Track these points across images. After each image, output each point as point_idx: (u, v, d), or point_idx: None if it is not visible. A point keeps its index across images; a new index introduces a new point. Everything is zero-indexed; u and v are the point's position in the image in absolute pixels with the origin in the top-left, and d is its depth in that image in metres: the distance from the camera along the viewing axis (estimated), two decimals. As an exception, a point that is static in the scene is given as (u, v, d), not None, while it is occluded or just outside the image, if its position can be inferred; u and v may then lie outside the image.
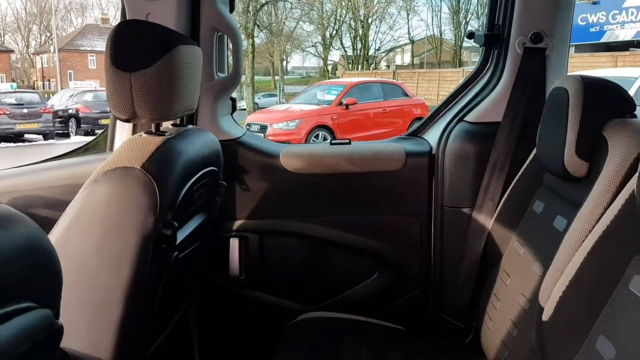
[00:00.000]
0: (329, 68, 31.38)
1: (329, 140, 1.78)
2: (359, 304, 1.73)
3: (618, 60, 13.67)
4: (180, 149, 1.16)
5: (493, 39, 1.68)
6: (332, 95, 10.82)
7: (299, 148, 1.74)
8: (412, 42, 29.98)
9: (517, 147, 1.57)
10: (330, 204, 1.72)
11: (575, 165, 1.17)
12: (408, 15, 32.54)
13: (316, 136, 9.94)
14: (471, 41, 1.82)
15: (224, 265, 1.75)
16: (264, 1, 24.39)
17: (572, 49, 17.43)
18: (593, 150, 1.15)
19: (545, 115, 1.32)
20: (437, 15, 37.93)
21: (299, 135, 9.74)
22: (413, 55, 30.16)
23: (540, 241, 1.27)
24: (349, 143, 1.74)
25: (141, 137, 1.13)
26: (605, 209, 1.02)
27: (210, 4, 1.60)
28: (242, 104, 19.25)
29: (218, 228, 1.70)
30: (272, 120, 10.09)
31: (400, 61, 31.20)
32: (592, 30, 16.82)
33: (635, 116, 1.18)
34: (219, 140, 1.44)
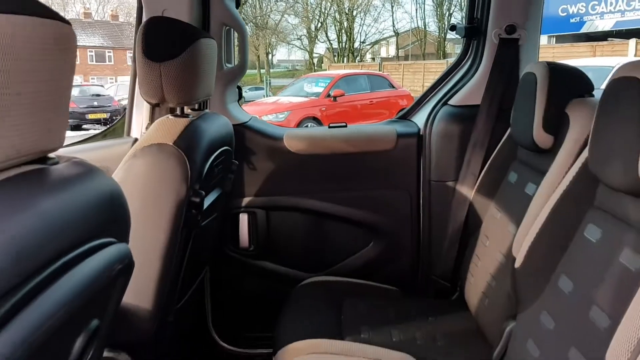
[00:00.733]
0: (315, 61, 31.45)
1: (328, 125, 1.97)
2: (357, 270, 1.93)
3: (597, 50, 13.98)
4: (203, 128, 1.34)
5: (472, 31, 1.87)
6: (320, 88, 10.99)
7: (301, 131, 1.94)
8: (397, 35, 30.16)
9: (495, 127, 1.77)
10: (329, 181, 1.91)
11: (542, 138, 1.37)
12: (392, 7, 32.75)
13: (305, 127, 10.12)
14: (454, 33, 2.01)
15: (234, 238, 1.93)
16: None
17: (553, 39, 17.76)
18: (557, 125, 1.36)
19: (517, 97, 1.52)
20: (421, 7, 38.10)
21: (289, 126, 9.91)
22: (398, 48, 30.35)
23: (514, 206, 1.48)
24: (346, 126, 1.94)
25: (169, 119, 1.30)
26: (565, 174, 1.22)
27: (220, 1, 1.77)
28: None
29: (229, 204, 1.89)
30: (262, 113, 10.23)
31: (385, 53, 31.36)
32: (573, 20, 17.13)
33: (593, 96, 1.39)
34: None
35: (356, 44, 30.15)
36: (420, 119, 1.94)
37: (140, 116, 1.82)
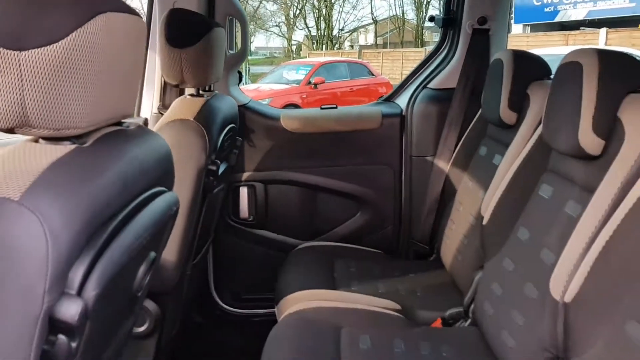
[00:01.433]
0: (294, 48, 31.44)
1: (320, 106, 2.19)
2: (345, 237, 2.16)
3: (569, 39, 14.36)
4: (218, 107, 1.54)
5: (449, 22, 2.10)
6: (301, 75, 11.10)
7: (296, 112, 2.14)
8: (375, 22, 30.29)
9: (468, 107, 2.01)
10: (321, 157, 2.13)
11: (507, 115, 1.60)
12: (371, -5, 32.85)
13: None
14: (432, 22, 2.23)
15: (235, 209, 2.14)
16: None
17: (528, 28, 18.12)
18: (520, 104, 1.59)
19: (487, 81, 1.75)
20: (399, -5, 38.23)
21: (271, 113, 10.02)
22: (376, 36, 30.53)
23: (484, 175, 1.71)
24: (336, 108, 2.15)
25: (187, 99, 1.50)
26: (525, 140, 1.45)
27: None
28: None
29: (231, 178, 2.09)
30: (243, 100, 10.31)
31: (364, 41, 31.52)
32: (547, 10, 17.47)
33: (551, 79, 1.62)
34: None
35: (335, 32, 30.20)
36: (402, 100, 2.17)
37: (149, 100, 2.00)
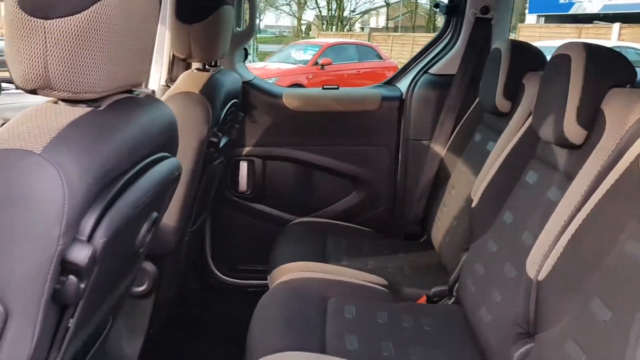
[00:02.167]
0: (303, 28, 31.21)
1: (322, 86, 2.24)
2: (339, 215, 2.22)
3: (582, 32, 14.26)
4: (222, 81, 1.59)
5: (453, 10, 2.14)
6: (308, 55, 11.07)
7: (298, 91, 2.20)
8: (388, 5, 30.00)
9: (466, 94, 2.05)
10: (320, 136, 2.18)
11: (502, 104, 1.65)
12: (385, -23, 32.48)
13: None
14: (437, 9, 2.27)
15: (234, 183, 2.20)
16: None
17: (542, 19, 17.98)
18: (515, 93, 1.63)
19: (485, 69, 1.79)
20: (414, -22, 37.79)
21: (276, 92, 10.02)
22: (388, 19, 30.27)
23: (477, 160, 1.76)
24: (338, 88, 2.20)
25: (194, 72, 1.55)
26: (517, 128, 1.50)
27: None
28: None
29: (231, 152, 2.15)
30: (249, 77, 10.31)
31: (374, 24, 31.26)
32: (562, 1, 17.32)
33: None
34: None
35: (346, 13, 29.94)
36: (403, 84, 2.22)
37: (157, 72, 2.05)
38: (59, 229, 0.63)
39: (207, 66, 1.77)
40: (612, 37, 13.59)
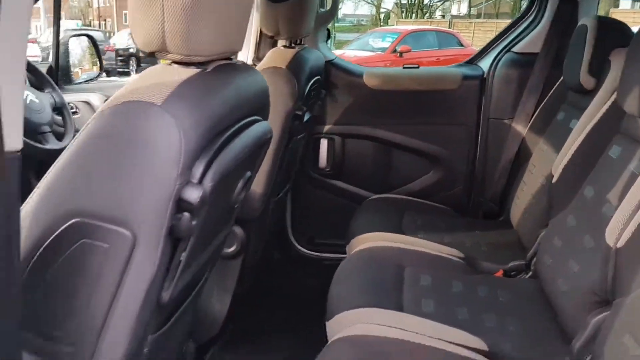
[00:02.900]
0: (382, 16, 30.89)
1: (402, 65, 2.28)
2: (415, 193, 2.26)
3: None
4: (307, 58, 1.68)
5: None
6: (387, 43, 11.00)
7: (379, 70, 2.25)
8: (470, -9, 29.05)
9: (550, 73, 2.02)
10: (399, 115, 2.23)
11: (587, 80, 1.62)
12: (468, -38, 31.41)
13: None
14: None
15: (315, 159, 2.30)
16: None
17: (638, 4, 16.73)
18: (600, 69, 1.60)
19: (570, 46, 1.76)
20: (498, -38, 36.25)
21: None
22: (470, 5, 29.32)
23: (559, 139, 1.74)
24: (418, 68, 2.23)
25: (281, 49, 1.66)
26: (602, 104, 1.49)
27: None
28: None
29: (313, 129, 2.24)
30: (328, 65, 10.41)
31: (456, 11, 30.37)
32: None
33: None
34: None
35: (426, 0, 29.32)
36: (485, 63, 2.21)
37: (244, 51, 2.18)
38: (176, 170, 0.74)
39: (293, 44, 1.87)
40: None
